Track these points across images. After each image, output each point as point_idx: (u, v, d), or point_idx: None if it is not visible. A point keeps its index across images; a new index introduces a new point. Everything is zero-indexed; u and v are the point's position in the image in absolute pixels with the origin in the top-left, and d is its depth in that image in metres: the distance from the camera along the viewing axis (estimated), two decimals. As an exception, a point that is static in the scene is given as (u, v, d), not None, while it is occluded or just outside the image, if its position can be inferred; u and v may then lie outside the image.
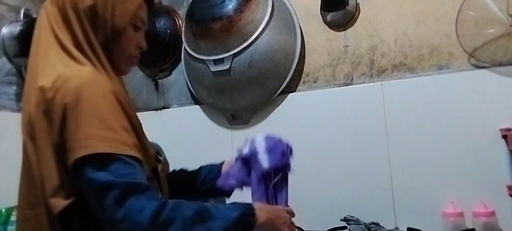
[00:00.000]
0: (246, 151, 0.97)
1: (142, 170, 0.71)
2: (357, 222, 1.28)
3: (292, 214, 0.90)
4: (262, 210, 0.81)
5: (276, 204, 0.92)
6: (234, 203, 0.80)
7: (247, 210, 0.79)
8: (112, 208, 0.65)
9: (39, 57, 0.76)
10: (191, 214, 0.70)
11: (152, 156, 0.82)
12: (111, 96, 0.72)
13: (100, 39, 0.78)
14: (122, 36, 0.81)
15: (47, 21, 0.78)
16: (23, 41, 1.54)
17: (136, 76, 1.93)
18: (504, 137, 1.22)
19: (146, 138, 0.83)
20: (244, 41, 1.50)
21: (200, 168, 1.03)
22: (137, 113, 0.82)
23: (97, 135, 0.68)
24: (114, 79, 0.79)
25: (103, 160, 0.67)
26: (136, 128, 0.77)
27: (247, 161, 0.96)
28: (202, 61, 1.58)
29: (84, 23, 0.77)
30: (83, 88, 0.69)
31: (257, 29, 1.50)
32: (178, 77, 1.82)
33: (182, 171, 1.04)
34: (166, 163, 0.98)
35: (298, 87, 1.57)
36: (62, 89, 0.69)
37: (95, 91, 0.70)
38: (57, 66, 0.73)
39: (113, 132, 0.69)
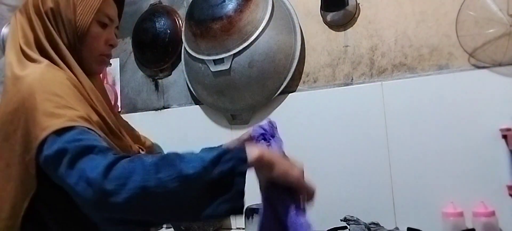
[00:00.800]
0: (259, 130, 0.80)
1: (101, 138, 0.67)
2: (357, 222, 1.28)
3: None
4: (257, 147, 0.65)
5: None
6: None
7: (232, 147, 0.62)
8: (66, 173, 0.61)
9: (6, 66, 0.78)
10: (154, 160, 0.59)
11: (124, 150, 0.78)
12: (67, 82, 0.72)
13: (66, 40, 0.79)
14: (88, 34, 0.80)
15: (15, 28, 0.80)
16: (23, 41, 1.54)
17: (136, 76, 1.93)
18: (504, 137, 1.22)
19: (121, 138, 0.81)
20: (244, 41, 1.50)
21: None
22: (137, 114, 0.82)
23: (52, 115, 0.66)
24: (82, 77, 0.78)
25: (56, 136, 0.64)
26: (105, 121, 0.76)
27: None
28: (202, 61, 1.58)
29: (47, 25, 0.78)
30: (34, 82, 0.70)
31: (257, 29, 1.50)
32: (178, 77, 1.82)
33: None
34: None
35: (298, 87, 1.57)
36: (16, 90, 0.71)
37: (48, 79, 0.71)
38: (14, 69, 0.75)
39: (67, 108, 0.68)
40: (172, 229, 1.60)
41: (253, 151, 0.60)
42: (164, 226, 1.61)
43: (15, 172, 0.70)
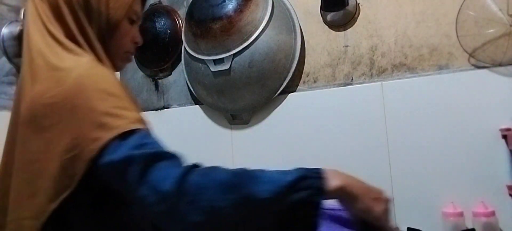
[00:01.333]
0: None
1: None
2: (357, 222, 1.28)
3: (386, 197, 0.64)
4: (338, 173, 0.58)
5: None
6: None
7: (309, 172, 0.56)
8: (135, 183, 0.56)
9: (33, 53, 0.71)
10: (227, 177, 0.56)
11: None
12: (116, 79, 0.68)
13: (95, 33, 0.73)
14: (118, 30, 0.76)
15: (36, 15, 0.73)
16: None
17: (136, 76, 1.93)
18: (504, 137, 1.22)
19: None
20: (244, 41, 1.50)
21: None
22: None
23: (114, 116, 0.61)
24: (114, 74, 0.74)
25: (121, 138, 0.60)
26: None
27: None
28: (202, 61, 1.58)
29: (79, 15, 0.72)
30: (83, 78, 0.64)
31: (257, 29, 1.50)
32: (178, 77, 1.82)
33: None
34: None
35: (298, 87, 1.57)
36: (55, 82, 0.65)
37: (98, 75, 0.66)
38: (49, 58, 0.68)
39: (125, 109, 0.63)
40: None
41: (333, 180, 0.55)
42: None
43: (46, 169, 0.63)
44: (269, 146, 1.57)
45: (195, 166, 0.59)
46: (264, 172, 0.57)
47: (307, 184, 0.54)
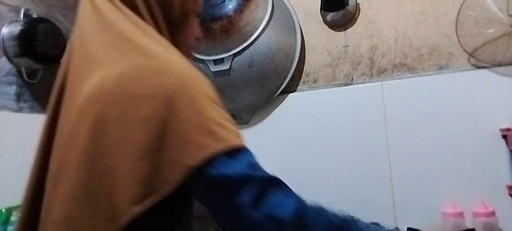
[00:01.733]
0: None
1: None
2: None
3: None
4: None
5: None
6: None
7: None
8: (246, 208, 0.53)
9: (110, 34, 0.60)
10: (337, 221, 0.58)
11: None
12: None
13: (167, 26, 0.66)
14: (187, 23, 0.69)
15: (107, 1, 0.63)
16: (23, 41, 1.53)
17: (136, 76, 1.93)
18: (504, 137, 1.22)
19: None
20: (244, 41, 1.50)
21: None
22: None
23: (222, 126, 0.55)
24: None
25: (231, 153, 0.54)
26: None
27: None
28: (202, 61, 1.58)
29: (152, 5, 0.64)
30: (186, 76, 0.56)
31: (257, 29, 1.50)
32: (178, 77, 1.82)
33: None
34: None
35: (298, 87, 1.57)
36: (158, 74, 0.56)
37: (199, 77, 0.58)
38: (138, 38, 0.59)
39: (230, 122, 0.57)
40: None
41: None
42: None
43: (122, 166, 0.53)
44: (269, 146, 1.57)
45: (304, 200, 0.58)
46: (368, 227, 0.62)
47: None
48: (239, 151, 0.55)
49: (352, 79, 1.48)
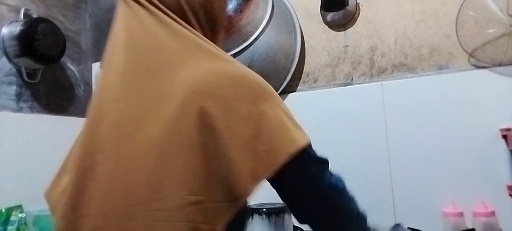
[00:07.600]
0: None
1: None
2: (357, 222, 1.28)
3: None
4: None
5: None
6: None
7: None
8: (328, 179, 0.73)
9: (183, 41, 0.67)
10: (357, 209, 0.82)
11: None
12: None
13: (209, 36, 0.72)
14: (220, 33, 0.76)
15: (155, 9, 0.68)
16: (23, 41, 1.54)
17: (136, 76, 1.93)
18: (504, 137, 1.22)
19: None
20: (244, 41, 1.50)
21: None
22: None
23: (296, 123, 0.73)
24: None
25: (311, 145, 0.72)
26: None
27: None
28: (202, 61, 1.58)
29: (200, 17, 0.71)
30: (262, 82, 0.68)
31: (257, 29, 1.49)
32: (178, 77, 1.82)
33: None
34: None
35: (298, 87, 1.57)
36: (246, 80, 0.66)
37: (267, 84, 0.70)
38: (207, 45, 0.68)
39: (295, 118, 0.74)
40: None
41: None
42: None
43: (245, 157, 0.62)
44: (269, 146, 1.57)
45: None
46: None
47: None
48: (311, 144, 0.70)
49: (352, 79, 1.48)
